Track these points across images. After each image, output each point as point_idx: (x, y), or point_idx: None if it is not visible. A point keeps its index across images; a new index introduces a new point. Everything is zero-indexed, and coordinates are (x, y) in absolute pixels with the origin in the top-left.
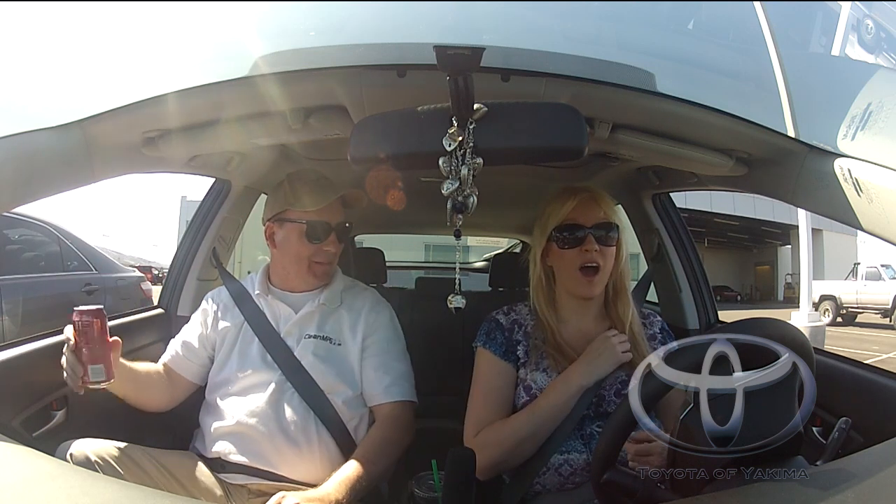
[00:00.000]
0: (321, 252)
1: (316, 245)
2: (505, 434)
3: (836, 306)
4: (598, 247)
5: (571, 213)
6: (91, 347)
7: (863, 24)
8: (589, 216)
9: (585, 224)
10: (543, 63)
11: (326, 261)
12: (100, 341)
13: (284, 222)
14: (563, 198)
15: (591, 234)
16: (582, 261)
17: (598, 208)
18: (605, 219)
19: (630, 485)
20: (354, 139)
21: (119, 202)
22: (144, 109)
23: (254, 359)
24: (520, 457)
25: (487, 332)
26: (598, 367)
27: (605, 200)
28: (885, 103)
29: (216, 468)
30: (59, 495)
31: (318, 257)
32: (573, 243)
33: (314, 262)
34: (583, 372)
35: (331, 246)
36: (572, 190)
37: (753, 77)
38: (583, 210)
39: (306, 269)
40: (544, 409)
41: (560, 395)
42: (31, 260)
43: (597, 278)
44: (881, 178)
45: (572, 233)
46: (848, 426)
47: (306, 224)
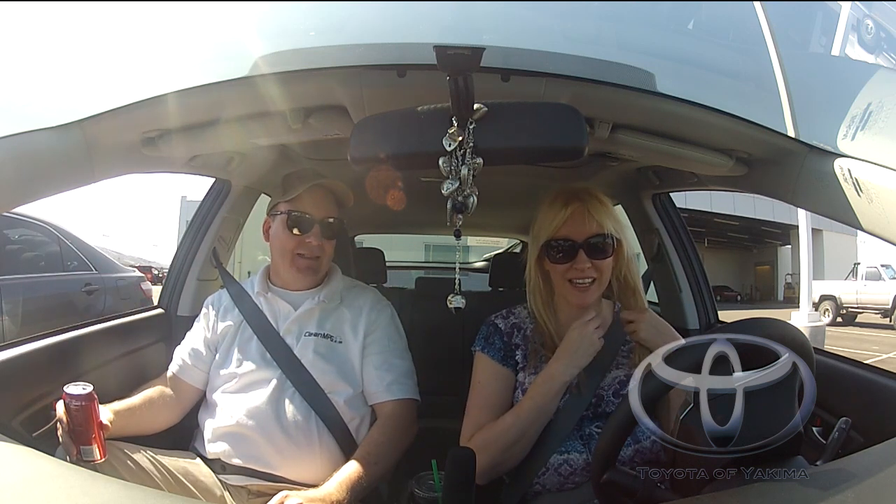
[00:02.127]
0: (304, 244)
1: (298, 237)
2: (493, 437)
3: (836, 306)
4: (591, 262)
5: (563, 227)
6: (81, 430)
7: (863, 24)
8: (581, 230)
9: (577, 239)
10: (543, 63)
11: (310, 254)
12: (90, 425)
13: (276, 215)
14: (556, 208)
15: (582, 249)
16: (573, 276)
17: (590, 220)
18: (598, 231)
19: (630, 485)
20: (354, 139)
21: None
22: (144, 109)
23: (253, 357)
24: (512, 458)
25: (486, 337)
26: (577, 360)
27: (598, 209)
28: (885, 103)
29: (216, 468)
30: (59, 495)
31: (301, 249)
32: (564, 259)
33: (297, 255)
34: (562, 368)
35: (313, 238)
36: (565, 198)
37: (753, 77)
38: (574, 223)
39: (290, 262)
40: (529, 409)
41: (543, 394)
42: (31, 260)
43: (591, 289)
44: (881, 178)
45: (563, 248)
46: (848, 426)
47: (288, 214)
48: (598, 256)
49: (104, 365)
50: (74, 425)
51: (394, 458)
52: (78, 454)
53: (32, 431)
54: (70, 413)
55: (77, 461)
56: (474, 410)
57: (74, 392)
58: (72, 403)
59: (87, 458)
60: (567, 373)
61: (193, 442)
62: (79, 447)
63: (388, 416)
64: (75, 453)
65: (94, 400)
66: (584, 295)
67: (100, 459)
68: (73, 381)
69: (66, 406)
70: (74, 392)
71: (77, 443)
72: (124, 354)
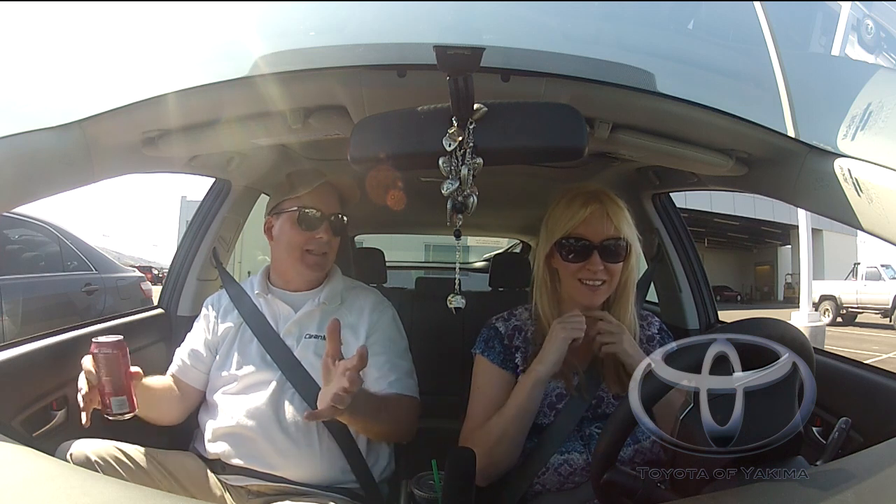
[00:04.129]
0: (313, 240)
1: (308, 233)
2: (480, 439)
3: (836, 306)
4: (604, 264)
5: (580, 226)
6: (113, 379)
7: (863, 24)
8: (598, 231)
9: (593, 240)
10: (543, 63)
11: (319, 250)
12: (121, 373)
13: (280, 213)
14: (575, 207)
15: (597, 251)
16: (584, 276)
17: (608, 223)
18: (614, 234)
19: (630, 485)
20: (354, 139)
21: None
22: (144, 109)
23: (253, 358)
24: (501, 459)
25: (486, 340)
26: (549, 355)
27: (617, 213)
28: (885, 103)
29: (216, 469)
30: (59, 495)
31: (311, 245)
32: (578, 259)
33: (306, 252)
34: (537, 364)
35: (323, 234)
36: (584, 198)
37: (753, 77)
38: (592, 224)
39: (299, 258)
40: (510, 407)
41: (519, 392)
42: (31, 260)
43: (600, 290)
44: (881, 178)
45: (578, 247)
46: (848, 426)
47: (298, 210)
48: (611, 259)
49: None
50: (104, 375)
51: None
52: (107, 408)
53: (32, 431)
54: (100, 363)
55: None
56: (473, 414)
57: (105, 340)
58: (101, 352)
59: (119, 410)
60: (540, 370)
61: (193, 442)
62: (110, 401)
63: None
64: (104, 407)
65: (126, 348)
66: (593, 295)
67: (130, 414)
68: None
69: (94, 357)
70: (105, 340)
71: (109, 395)
72: None
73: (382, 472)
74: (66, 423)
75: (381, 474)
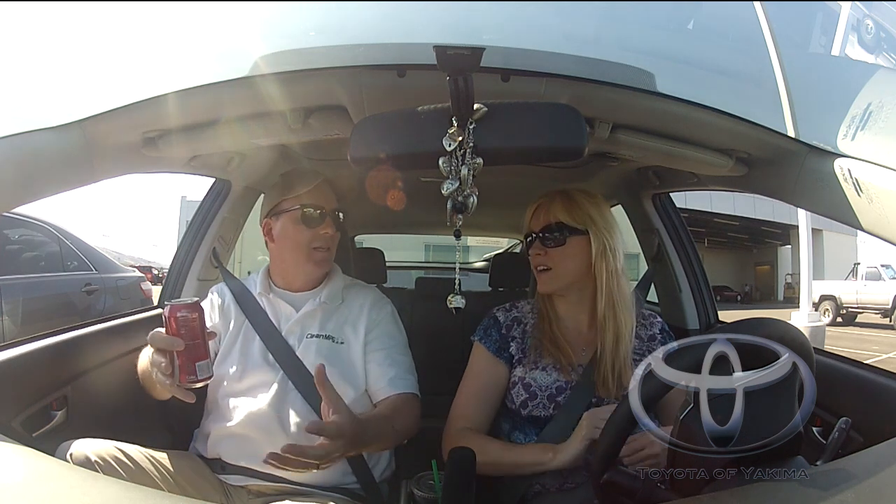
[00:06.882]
0: (318, 236)
1: (312, 230)
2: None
3: (836, 306)
4: (544, 249)
5: (531, 222)
6: (195, 344)
7: (863, 24)
8: (538, 222)
9: (535, 230)
10: (543, 63)
11: (325, 245)
12: (203, 336)
13: (280, 214)
14: (530, 208)
15: (537, 238)
16: (534, 263)
17: (547, 213)
18: (552, 220)
19: (630, 485)
20: (354, 139)
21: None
22: (144, 109)
23: (255, 358)
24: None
25: (485, 328)
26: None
27: (557, 204)
28: (885, 103)
29: (216, 469)
30: (59, 495)
31: (316, 242)
32: (529, 250)
33: (312, 249)
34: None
35: (328, 229)
36: (537, 199)
37: (753, 77)
38: (536, 218)
39: (305, 256)
40: (513, 458)
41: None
42: (31, 260)
43: (544, 276)
44: (881, 178)
45: (527, 240)
46: (848, 426)
47: (301, 209)
48: (548, 244)
49: (104, 365)
50: (188, 340)
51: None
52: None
53: (32, 431)
54: (180, 327)
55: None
56: (462, 397)
57: (184, 303)
58: (180, 315)
59: (203, 375)
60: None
61: (193, 442)
62: (195, 366)
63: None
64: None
65: (202, 310)
66: (542, 283)
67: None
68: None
69: (174, 322)
70: (184, 303)
71: (194, 360)
72: (124, 354)
73: (382, 473)
74: (66, 423)
75: (381, 474)
